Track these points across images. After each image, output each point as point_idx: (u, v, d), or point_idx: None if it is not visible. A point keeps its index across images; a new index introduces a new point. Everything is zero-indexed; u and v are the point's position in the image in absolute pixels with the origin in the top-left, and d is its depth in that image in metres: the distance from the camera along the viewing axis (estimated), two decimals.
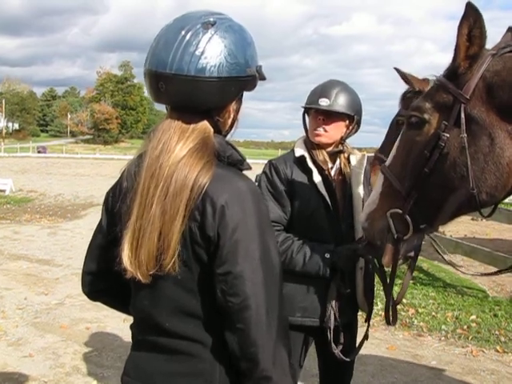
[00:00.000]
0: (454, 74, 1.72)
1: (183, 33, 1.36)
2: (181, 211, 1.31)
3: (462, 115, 1.67)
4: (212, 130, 1.42)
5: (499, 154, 1.66)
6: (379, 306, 5.75)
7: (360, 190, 2.43)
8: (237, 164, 1.43)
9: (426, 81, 3.46)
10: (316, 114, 2.43)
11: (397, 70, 2.17)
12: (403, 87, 3.58)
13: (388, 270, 2.06)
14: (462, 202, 1.75)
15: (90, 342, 4.71)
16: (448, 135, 1.69)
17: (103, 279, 1.59)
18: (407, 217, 1.80)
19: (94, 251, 1.59)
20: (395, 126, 3.56)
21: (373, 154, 3.56)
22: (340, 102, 2.40)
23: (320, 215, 2.37)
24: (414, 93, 3.58)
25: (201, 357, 1.37)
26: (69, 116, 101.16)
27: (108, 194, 1.55)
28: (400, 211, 1.81)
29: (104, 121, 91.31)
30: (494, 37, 1.76)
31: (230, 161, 1.41)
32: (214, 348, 1.37)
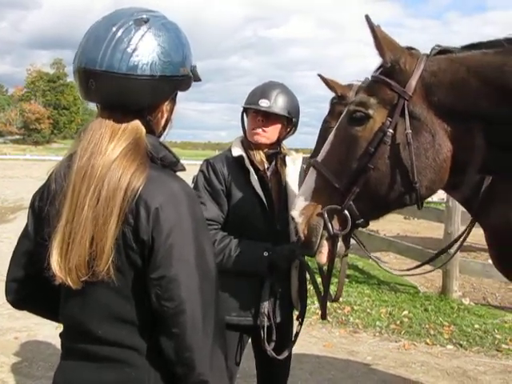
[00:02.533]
0: (393, 71, 1.79)
1: (114, 29, 1.32)
2: (114, 215, 1.26)
3: (406, 112, 1.74)
4: (144, 130, 1.38)
5: (438, 150, 1.75)
6: (316, 305, 5.86)
7: (295, 190, 2.45)
8: (170, 165, 1.40)
9: (349, 86, 3.56)
10: (255, 115, 2.45)
11: (320, 76, 2.22)
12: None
13: (320, 267, 2.09)
14: (403, 196, 1.82)
15: (20, 353, 4.48)
16: (393, 131, 1.75)
17: (29, 286, 1.51)
18: (346, 212, 1.82)
19: (20, 257, 1.51)
20: (324, 132, 3.64)
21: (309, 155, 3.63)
22: (279, 104, 2.42)
23: (256, 215, 2.38)
24: (338, 98, 3.68)
25: (134, 364, 1.33)
26: None
27: (34, 197, 1.48)
28: (338, 207, 1.82)
29: (35, 120, 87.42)
30: (424, 44, 1.92)
31: (163, 162, 1.37)
32: (148, 354, 1.33)
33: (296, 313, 2.59)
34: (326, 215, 1.83)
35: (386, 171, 1.78)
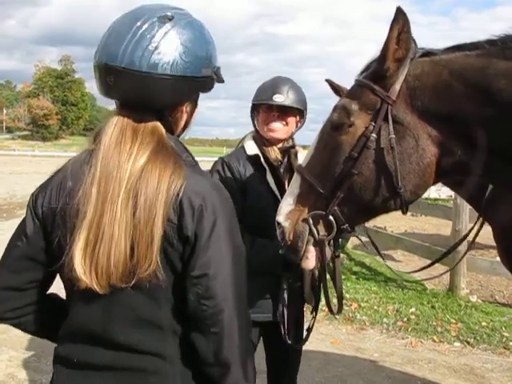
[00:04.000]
0: (379, 76, 1.76)
1: (138, 24, 1.29)
2: (159, 218, 1.23)
3: (390, 117, 1.72)
4: (164, 130, 1.36)
5: (422, 154, 1.72)
6: (323, 302, 5.86)
7: None
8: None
9: None
10: (269, 110, 2.43)
11: (328, 81, 2.19)
12: (345, 86, 3.65)
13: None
14: (388, 201, 1.80)
15: (29, 347, 4.50)
16: (376, 136, 1.73)
17: (23, 296, 1.41)
18: (331, 217, 1.80)
19: (14, 263, 1.39)
20: None
21: None
22: (292, 98, 2.42)
23: (270, 212, 2.37)
24: None
25: (158, 371, 1.29)
26: (4, 111, 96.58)
27: (36, 196, 1.39)
28: (323, 213, 1.81)
29: (43, 117, 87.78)
30: (430, 41, 1.84)
31: (186, 164, 1.34)
32: (175, 361, 1.30)
33: (309, 307, 2.60)
34: (310, 221, 1.82)
35: (369, 176, 1.76)
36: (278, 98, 2.39)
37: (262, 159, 2.42)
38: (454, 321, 5.41)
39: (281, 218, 1.88)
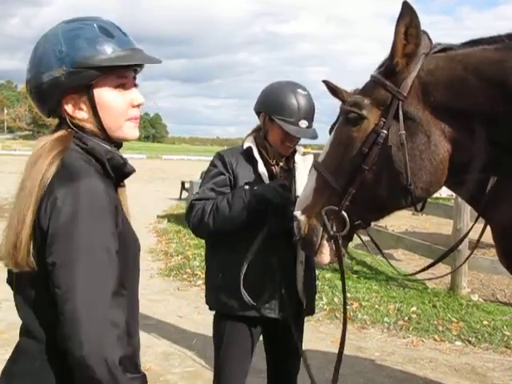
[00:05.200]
0: (391, 71, 1.75)
1: None
2: (31, 208, 1.32)
3: (400, 112, 1.71)
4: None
5: (434, 151, 1.70)
6: (324, 301, 5.87)
7: (302, 188, 2.45)
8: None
9: (356, 92, 3.51)
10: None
11: (325, 82, 2.17)
12: (346, 85, 3.63)
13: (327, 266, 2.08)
14: (398, 198, 1.79)
15: None
16: (386, 132, 1.72)
17: None
18: (344, 213, 1.81)
19: None
20: None
21: (321, 151, 3.61)
22: (313, 121, 2.43)
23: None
24: None
25: (36, 355, 1.37)
26: (5, 111, 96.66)
27: None
28: (336, 208, 1.81)
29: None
30: (434, 40, 1.81)
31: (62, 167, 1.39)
32: (47, 345, 1.35)
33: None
34: (324, 216, 1.82)
35: (379, 172, 1.76)
36: (304, 125, 2.38)
37: (254, 151, 2.44)
38: (456, 320, 5.41)
39: (297, 211, 1.92)
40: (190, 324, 5.28)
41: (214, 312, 2.57)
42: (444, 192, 12.30)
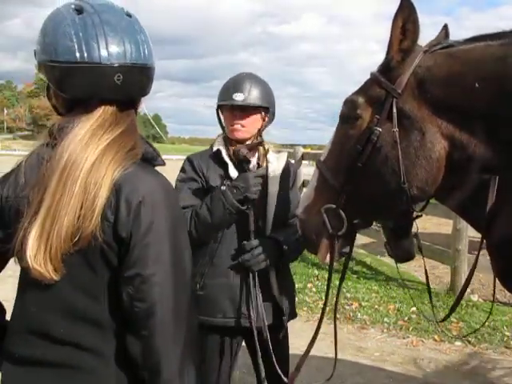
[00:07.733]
0: (387, 67, 1.73)
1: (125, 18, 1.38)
2: (98, 209, 1.22)
3: (394, 110, 1.68)
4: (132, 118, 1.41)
5: (430, 148, 1.67)
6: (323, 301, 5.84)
7: (275, 188, 2.40)
8: (150, 160, 1.38)
9: None
10: (231, 110, 2.39)
11: None
12: (347, 86, 3.61)
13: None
14: (394, 197, 1.75)
15: None
16: (380, 129, 1.70)
17: None
18: (341, 212, 1.79)
19: None
20: None
21: (321, 151, 3.59)
22: (254, 95, 2.36)
23: None
24: None
25: (94, 371, 1.26)
26: (5, 111, 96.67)
27: None
28: (334, 206, 1.80)
29: (44, 116, 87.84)
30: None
31: (137, 160, 1.32)
32: (112, 360, 1.26)
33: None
34: (324, 214, 1.81)
35: (374, 170, 1.73)
36: (238, 97, 2.34)
37: (223, 154, 2.39)
38: (455, 320, 5.39)
39: (299, 210, 1.92)
40: None
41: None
42: None
